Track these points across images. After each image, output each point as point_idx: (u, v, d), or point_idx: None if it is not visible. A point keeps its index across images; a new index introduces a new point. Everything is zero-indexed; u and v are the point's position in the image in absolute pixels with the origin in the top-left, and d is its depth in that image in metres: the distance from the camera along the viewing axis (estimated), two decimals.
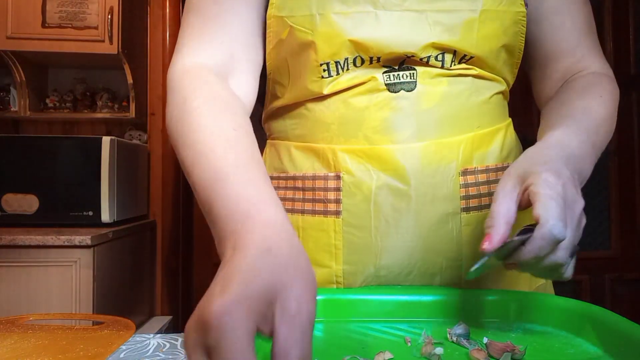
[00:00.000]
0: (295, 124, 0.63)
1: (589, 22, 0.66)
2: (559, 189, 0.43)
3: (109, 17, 1.80)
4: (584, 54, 0.65)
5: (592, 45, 0.66)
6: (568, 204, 0.43)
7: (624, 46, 2.35)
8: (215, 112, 0.49)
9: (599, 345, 0.45)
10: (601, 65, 0.65)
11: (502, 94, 0.64)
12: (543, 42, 0.66)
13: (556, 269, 0.44)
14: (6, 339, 0.52)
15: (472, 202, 0.58)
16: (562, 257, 0.43)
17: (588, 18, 0.66)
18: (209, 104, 0.50)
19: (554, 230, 0.40)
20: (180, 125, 0.49)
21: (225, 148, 0.44)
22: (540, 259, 0.42)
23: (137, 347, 0.52)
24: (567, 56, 0.65)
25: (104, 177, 1.71)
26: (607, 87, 0.62)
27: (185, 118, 0.49)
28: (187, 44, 0.58)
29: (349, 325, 0.51)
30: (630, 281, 2.36)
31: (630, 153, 2.35)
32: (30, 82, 1.97)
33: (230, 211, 0.39)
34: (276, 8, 0.58)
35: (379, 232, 0.57)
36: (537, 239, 0.41)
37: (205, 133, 0.46)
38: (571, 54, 0.65)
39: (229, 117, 0.49)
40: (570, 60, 0.65)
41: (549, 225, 0.40)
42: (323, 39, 0.56)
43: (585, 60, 0.65)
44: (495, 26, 0.57)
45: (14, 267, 1.50)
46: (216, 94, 0.52)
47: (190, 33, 0.58)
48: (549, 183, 0.43)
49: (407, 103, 0.57)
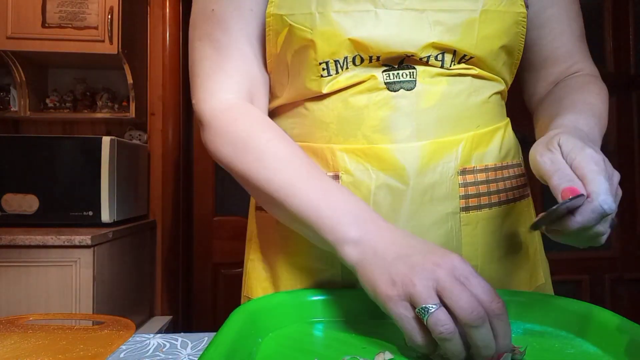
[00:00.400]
0: (294, 123, 0.63)
1: (582, 28, 0.69)
2: (602, 165, 0.45)
3: (109, 17, 1.80)
4: (578, 59, 0.68)
5: (585, 51, 0.69)
6: (610, 177, 0.46)
7: (624, 46, 2.35)
8: (285, 143, 0.56)
9: (599, 345, 0.45)
10: (592, 69, 0.69)
11: (500, 94, 0.64)
12: (542, 47, 0.68)
13: (595, 238, 0.47)
14: (6, 339, 0.52)
15: (471, 201, 0.58)
16: (604, 228, 0.46)
17: (582, 25, 0.69)
18: (278, 138, 0.57)
19: (605, 205, 0.43)
20: (252, 158, 0.55)
21: (311, 172, 0.54)
22: (587, 230, 0.45)
23: (137, 347, 0.52)
24: (564, 61, 0.68)
25: (104, 177, 1.71)
26: (600, 86, 0.65)
27: (257, 150, 0.55)
28: (212, 78, 0.60)
29: (349, 325, 0.51)
30: (630, 281, 2.36)
31: (630, 153, 2.35)
32: (30, 82, 1.97)
33: (340, 220, 0.49)
34: (275, 6, 0.58)
35: None
36: (588, 212, 0.43)
37: (284, 162, 0.54)
38: (567, 59, 0.68)
39: (294, 146, 0.57)
40: (565, 65, 0.68)
41: (601, 199, 0.43)
42: (322, 38, 0.56)
43: (579, 64, 0.68)
44: (495, 26, 0.57)
45: (14, 267, 1.50)
46: (272, 125, 0.59)
47: (209, 67, 0.60)
48: (594, 158, 0.45)
49: (406, 102, 0.57)
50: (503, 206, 0.61)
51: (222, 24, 0.60)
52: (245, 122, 0.58)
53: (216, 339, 0.41)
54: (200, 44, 0.61)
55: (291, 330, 0.50)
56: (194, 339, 0.55)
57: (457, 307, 0.39)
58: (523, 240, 0.64)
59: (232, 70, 0.60)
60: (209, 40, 0.60)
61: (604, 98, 0.63)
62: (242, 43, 0.60)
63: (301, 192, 0.52)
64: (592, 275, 2.35)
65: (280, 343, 0.46)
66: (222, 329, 0.44)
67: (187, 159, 2.29)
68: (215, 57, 0.60)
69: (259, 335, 0.47)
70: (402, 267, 0.43)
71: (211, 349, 0.39)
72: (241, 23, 0.59)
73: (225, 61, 0.60)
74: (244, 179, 0.56)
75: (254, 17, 0.60)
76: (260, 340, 0.47)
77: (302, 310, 0.53)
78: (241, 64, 0.60)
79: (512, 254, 0.62)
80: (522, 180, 0.65)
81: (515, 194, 0.63)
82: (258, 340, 0.46)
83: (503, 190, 0.61)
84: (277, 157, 0.55)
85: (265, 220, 0.66)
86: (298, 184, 0.52)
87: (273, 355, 0.44)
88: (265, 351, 0.45)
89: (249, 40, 0.60)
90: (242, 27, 0.60)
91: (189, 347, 0.52)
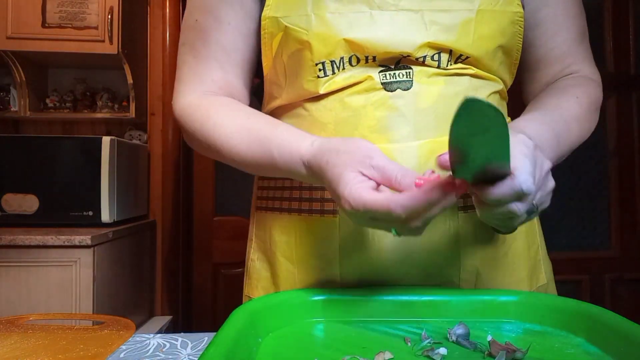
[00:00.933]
0: (292, 124, 0.63)
1: (583, 31, 0.68)
2: (532, 149, 0.46)
3: (109, 17, 1.80)
4: (574, 61, 0.67)
5: (584, 53, 0.68)
6: (538, 164, 0.46)
7: (624, 46, 2.35)
8: (235, 107, 0.62)
9: (599, 345, 0.45)
10: (590, 71, 0.68)
11: (499, 94, 0.64)
12: (536, 48, 0.67)
13: (510, 219, 0.46)
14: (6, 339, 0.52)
15: (469, 200, 0.58)
16: (519, 210, 0.44)
17: (582, 27, 0.68)
18: (238, 106, 0.62)
19: (524, 185, 0.43)
20: (209, 125, 0.60)
21: (259, 120, 0.59)
22: (501, 205, 0.44)
23: (137, 347, 0.52)
24: (558, 63, 0.67)
25: (104, 177, 1.70)
26: (588, 89, 0.64)
27: (211, 119, 0.61)
28: (187, 82, 0.66)
29: (349, 325, 0.51)
30: (630, 281, 2.36)
31: (630, 153, 2.35)
32: (30, 82, 1.97)
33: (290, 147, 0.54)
34: (272, 9, 0.59)
35: (376, 231, 0.57)
36: (506, 187, 0.43)
37: (239, 116, 0.60)
38: (562, 60, 0.67)
39: (244, 107, 0.62)
40: (560, 66, 0.67)
41: (521, 178, 0.43)
42: (318, 39, 0.56)
43: (574, 66, 0.67)
44: (492, 26, 0.57)
45: (14, 267, 1.50)
46: (230, 100, 0.64)
47: (187, 72, 0.66)
48: (525, 142, 0.46)
49: (403, 102, 0.57)
50: None
51: (202, 34, 0.64)
52: (209, 102, 0.63)
53: (216, 339, 0.41)
54: (183, 50, 0.67)
55: (291, 330, 0.50)
56: (194, 339, 0.55)
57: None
58: (523, 241, 0.63)
59: (206, 77, 0.65)
60: (190, 47, 0.66)
61: (585, 101, 0.62)
62: (219, 53, 0.64)
63: (257, 129, 0.57)
64: (592, 275, 2.35)
65: (280, 343, 0.47)
66: (222, 328, 0.44)
67: (187, 159, 2.29)
68: (193, 64, 0.65)
69: (259, 335, 0.47)
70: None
71: (211, 349, 0.39)
72: (219, 35, 0.63)
73: (202, 68, 0.65)
74: (209, 145, 0.61)
75: (231, 30, 0.63)
76: (260, 340, 0.47)
77: (302, 310, 0.53)
78: (216, 72, 0.64)
79: (511, 254, 0.62)
80: None
81: None
82: (258, 340, 0.46)
83: None
84: (233, 114, 0.60)
85: (266, 220, 0.67)
86: (255, 125, 0.58)
87: (273, 355, 0.44)
88: (265, 351, 0.45)
89: (226, 51, 0.64)
90: (220, 38, 0.63)
91: (189, 347, 0.52)
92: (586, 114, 0.62)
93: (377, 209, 0.43)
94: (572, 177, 2.31)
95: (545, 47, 0.67)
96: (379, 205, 0.43)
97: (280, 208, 0.64)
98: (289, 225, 0.63)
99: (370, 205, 0.43)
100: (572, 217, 2.33)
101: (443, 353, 0.43)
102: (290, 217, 0.62)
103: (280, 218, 0.64)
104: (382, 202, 0.43)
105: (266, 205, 0.67)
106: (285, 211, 0.63)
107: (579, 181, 2.33)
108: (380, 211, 0.43)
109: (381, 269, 0.58)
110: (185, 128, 0.64)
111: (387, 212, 0.42)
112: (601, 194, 2.35)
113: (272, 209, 0.66)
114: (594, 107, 0.64)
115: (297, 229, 0.62)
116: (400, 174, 0.45)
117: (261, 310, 0.50)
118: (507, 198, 0.43)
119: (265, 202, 0.68)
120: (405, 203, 0.42)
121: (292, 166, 0.53)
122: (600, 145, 2.34)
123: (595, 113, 0.65)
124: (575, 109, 0.61)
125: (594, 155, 2.34)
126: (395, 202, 0.42)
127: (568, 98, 0.62)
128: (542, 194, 0.47)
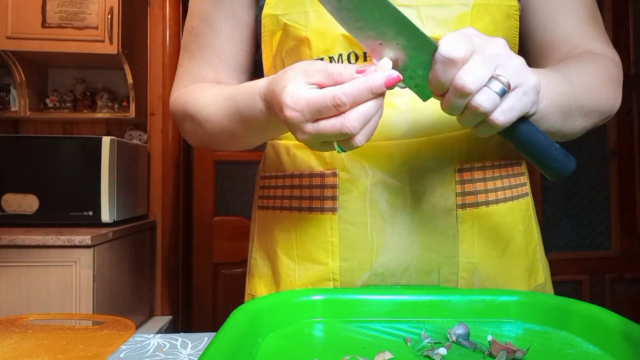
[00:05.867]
0: None
1: (591, 12, 0.63)
2: (467, 32, 0.42)
3: (109, 17, 1.80)
4: (585, 40, 0.62)
5: (595, 33, 0.63)
6: (472, 35, 0.42)
7: (624, 46, 2.35)
8: (216, 85, 0.65)
9: (598, 346, 0.45)
10: (606, 50, 0.62)
11: None
12: (538, 33, 0.64)
13: (478, 115, 0.42)
14: (6, 339, 0.52)
15: (468, 198, 0.58)
16: (474, 85, 0.41)
17: (591, 9, 0.64)
18: (211, 84, 0.65)
19: (442, 49, 0.41)
20: (192, 99, 0.64)
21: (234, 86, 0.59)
22: (444, 86, 0.42)
23: (137, 347, 0.52)
24: (564, 44, 0.62)
25: (104, 177, 1.70)
26: (602, 63, 0.59)
27: (195, 94, 0.64)
28: (181, 80, 0.70)
29: (349, 325, 0.51)
30: (630, 281, 2.36)
31: (630, 153, 2.35)
32: (30, 82, 1.97)
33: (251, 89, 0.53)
34: (271, 7, 0.60)
35: (375, 228, 0.58)
36: (435, 59, 0.41)
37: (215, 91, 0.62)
38: (569, 41, 0.62)
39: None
40: (568, 47, 0.62)
41: (440, 43, 0.41)
42: (316, 35, 0.57)
43: (586, 45, 0.62)
44: (487, 21, 0.57)
45: (14, 267, 1.50)
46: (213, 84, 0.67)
47: (182, 72, 0.71)
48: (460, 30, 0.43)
49: (402, 99, 0.57)
50: (501, 204, 0.61)
51: (197, 39, 0.69)
52: (194, 86, 0.67)
53: (216, 339, 0.41)
54: (182, 52, 0.72)
55: (291, 330, 0.50)
56: (194, 339, 0.55)
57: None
58: (521, 239, 0.63)
59: (198, 76, 0.69)
60: (186, 50, 0.70)
61: (596, 72, 0.57)
62: (212, 56, 0.68)
63: (229, 91, 0.58)
64: (592, 275, 2.35)
65: (280, 343, 0.47)
66: (222, 328, 0.44)
67: (187, 159, 2.29)
68: (188, 65, 0.70)
69: (259, 335, 0.47)
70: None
71: (211, 349, 0.39)
72: (212, 40, 0.67)
73: (195, 68, 0.69)
74: (192, 118, 0.63)
75: (223, 35, 0.67)
76: (261, 340, 0.47)
77: (302, 310, 0.53)
78: (208, 72, 0.68)
79: (509, 252, 0.62)
80: (521, 179, 0.65)
81: (513, 192, 0.63)
82: (258, 340, 0.46)
83: (501, 189, 0.61)
84: (214, 89, 0.62)
85: (267, 219, 0.67)
86: (228, 89, 0.59)
87: (273, 355, 0.44)
88: (265, 351, 0.45)
89: (218, 54, 0.68)
90: (212, 43, 0.68)
91: (189, 347, 0.52)
92: (599, 84, 0.57)
93: (320, 101, 0.42)
94: (572, 177, 2.31)
95: (545, 29, 0.63)
96: (322, 97, 0.42)
97: (281, 207, 0.65)
98: (290, 223, 0.63)
99: (313, 99, 0.42)
100: (572, 217, 2.33)
101: (443, 353, 0.43)
102: (290, 215, 0.63)
103: (281, 216, 0.64)
104: (324, 93, 0.42)
105: (267, 204, 0.68)
106: (286, 209, 0.63)
107: (579, 181, 2.33)
108: (324, 104, 0.42)
109: (380, 267, 0.58)
110: (174, 111, 0.68)
111: (331, 105, 0.42)
112: (601, 194, 2.35)
113: (273, 207, 0.66)
114: (606, 80, 0.58)
115: (297, 227, 0.62)
116: (342, 67, 0.43)
117: (261, 310, 0.50)
118: (439, 69, 0.41)
119: (267, 201, 0.68)
120: (348, 89, 0.41)
121: (252, 105, 0.52)
122: (600, 145, 2.35)
123: (616, 86, 0.60)
124: (579, 73, 0.55)
125: (594, 155, 2.34)
126: (338, 89, 0.42)
127: (577, 65, 0.57)
128: (503, 68, 0.42)
